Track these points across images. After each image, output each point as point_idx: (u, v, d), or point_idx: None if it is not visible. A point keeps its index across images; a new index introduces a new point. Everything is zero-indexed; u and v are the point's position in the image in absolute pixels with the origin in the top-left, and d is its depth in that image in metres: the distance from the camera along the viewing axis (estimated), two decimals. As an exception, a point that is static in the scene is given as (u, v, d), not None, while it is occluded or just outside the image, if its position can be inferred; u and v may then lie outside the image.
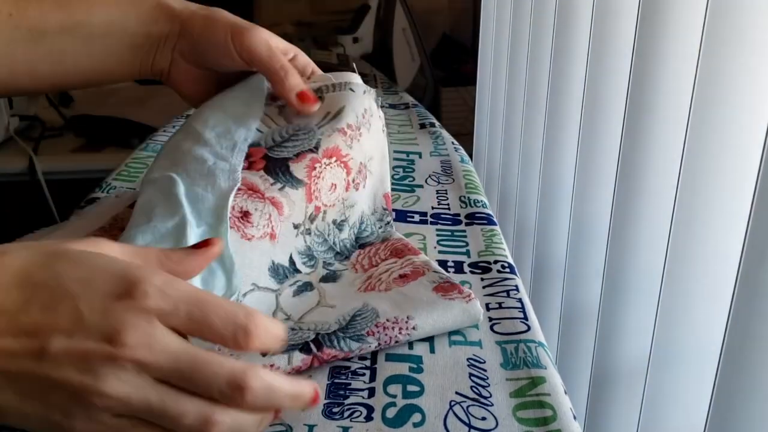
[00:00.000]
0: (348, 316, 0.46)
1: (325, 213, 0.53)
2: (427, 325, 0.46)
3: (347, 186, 0.54)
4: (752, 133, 0.46)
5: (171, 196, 0.47)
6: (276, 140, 0.53)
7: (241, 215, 0.48)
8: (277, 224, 0.49)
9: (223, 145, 0.51)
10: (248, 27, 0.55)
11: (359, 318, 0.46)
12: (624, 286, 0.65)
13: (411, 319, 0.46)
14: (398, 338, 0.46)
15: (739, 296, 0.45)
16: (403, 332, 0.46)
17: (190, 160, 0.49)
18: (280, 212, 0.49)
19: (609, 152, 0.68)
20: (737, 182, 0.48)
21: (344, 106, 0.55)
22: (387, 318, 0.46)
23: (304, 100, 0.55)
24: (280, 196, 0.50)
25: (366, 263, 0.54)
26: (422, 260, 0.53)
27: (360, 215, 0.56)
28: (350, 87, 0.56)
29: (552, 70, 0.87)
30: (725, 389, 0.47)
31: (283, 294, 0.49)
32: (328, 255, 0.53)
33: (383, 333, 0.45)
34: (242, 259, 0.46)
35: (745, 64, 0.47)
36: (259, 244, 0.48)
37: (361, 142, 0.55)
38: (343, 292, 0.50)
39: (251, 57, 0.55)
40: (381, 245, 0.55)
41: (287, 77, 0.54)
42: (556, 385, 0.42)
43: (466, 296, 0.48)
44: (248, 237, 0.47)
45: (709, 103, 0.50)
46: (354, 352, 0.44)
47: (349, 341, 0.44)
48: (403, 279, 0.50)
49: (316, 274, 0.52)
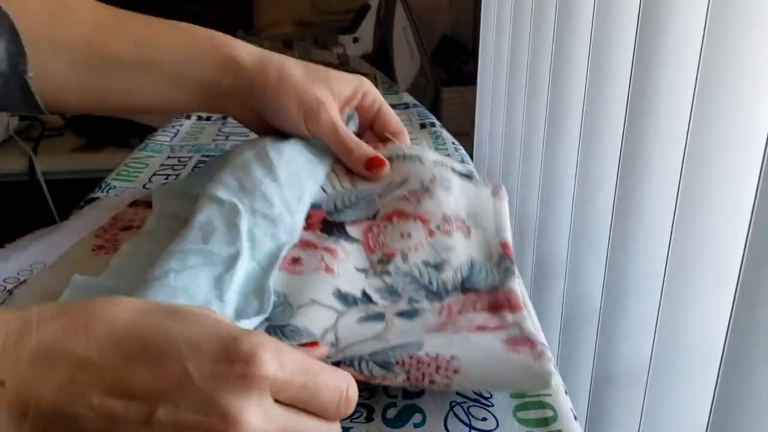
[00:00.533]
0: (388, 345, 0.40)
1: (405, 256, 0.50)
2: (473, 372, 0.38)
3: (430, 233, 0.52)
4: (754, 133, 0.46)
5: (233, 226, 0.48)
6: (337, 206, 0.54)
7: (291, 261, 0.49)
8: (331, 262, 0.48)
9: (292, 191, 0.52)
10: (317, 105, 0.57)
11: (398, 348, 0.40)
12: (625, 287, 0.65)
13: (455, 359, 0.38)
14: (434, 378, 0.38)
15: (740, 297, 0.45)
16: (440, 372, 0.38)
17: (260, 197, 0.51)
18: (333, 255, 0.49)
19: (610, 152, 0.68)
20: (739, 183, 0.48)
21: (408, 178, 0.56)
22: (427, 352, 0.39)
23: (372, 167, 0.56)
24: (333, 245, 0.50)
25: (456, 310, 0.46)
26: (515, 318, 0.44)
27: (468, 259, 0.51)
28: (420, 159, 0.57)
29: (553, 70, 0.87)
30: (727, 390, 0.47)
31: (346, 316, 0.45)
32: (419, 293, 0.48)
33: (415, 367, 0.38)
34: (294, 286, 0.46)
35: (746, 64, 0.47)
36: (312, 275, 0.47)
37: (435, 199, 0.54)
38: (411, 330, 0.44)
39: (320, 137, 0.58)
40: (486, 296, 0.47)
41: (353, 153, 0.57)
42: (557, 386, 0.42)
43: (538, 354, 0.39)
44: (299, 272, 0.48)
45: (711, 102, 0.50)
46: (376, 378, 0.38)
47: (373, 365, 0.38)
48: (481, 329, 0.43)
49: (395, 307, 0.47)
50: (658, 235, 0.58)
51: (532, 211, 0.97)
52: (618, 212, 0.65)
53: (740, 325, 0.45)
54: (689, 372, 0.55)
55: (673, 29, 0.56)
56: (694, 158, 0.52)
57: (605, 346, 0.68)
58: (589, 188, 0.75)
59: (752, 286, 0.44)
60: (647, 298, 0.60)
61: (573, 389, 0.73)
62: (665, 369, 0.57)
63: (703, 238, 0.52)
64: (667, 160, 0.57)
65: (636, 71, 0.60)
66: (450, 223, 0.53)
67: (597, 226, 0.72)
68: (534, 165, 0.96)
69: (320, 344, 0.40)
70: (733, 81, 0.48)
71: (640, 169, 0.61)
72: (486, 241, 0.53)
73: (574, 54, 0.80)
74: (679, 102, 0.55)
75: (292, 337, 0.42)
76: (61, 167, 1.37)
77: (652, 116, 0.59)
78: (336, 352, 0.41)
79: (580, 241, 0.77)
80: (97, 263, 0.51)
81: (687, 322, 0.55)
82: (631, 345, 0.65)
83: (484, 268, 0.51)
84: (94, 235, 0.57)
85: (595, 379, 0.70)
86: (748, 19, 0.46)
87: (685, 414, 0.56)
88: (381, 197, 0.55)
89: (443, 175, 0.56)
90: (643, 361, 0.59)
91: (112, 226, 0.58)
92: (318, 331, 0.43)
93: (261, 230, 0.49)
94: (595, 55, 0.72)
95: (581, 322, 0.77)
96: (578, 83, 0.77)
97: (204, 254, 0.45)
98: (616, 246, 0.66)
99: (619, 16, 0.67)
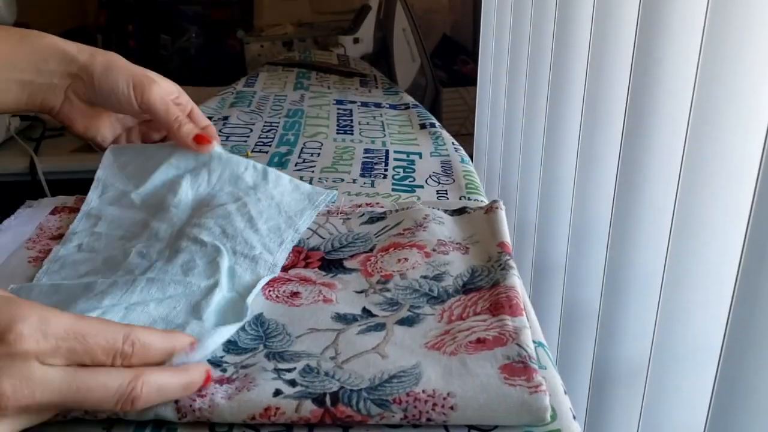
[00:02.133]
0: (386, 375, 0.41)
1: (403, 275, 0.52)
2: (470, 409, 0.39)
3: (426, 255, 0.54)
4: (753, 134, 0.46)
5: (214, 263, 0.51)
6: (335, 246, 0.57)
7: (290, 295, 0.50)
8: (330, 294, 0.50)
9: (272, 239, 0.56)
10: (148, 80, 0.62)
11: (395, 381, 0.40)
12: (624, 286, 0.65)
13: (451, 396, 0.39)
14: (430, 416, 0.38)
15: (739, 296, 0.45)
16: (437, 409, 0.38)
17: (241, 242, 0.54)
18: (331, 289, 0.51)
19: (609, 152, 0.68)
20: (738, 183, 0.48)
21: (403, 219, 0.59)
22: (424, 389, 0.39)
23: (200, 141, 0.62)
24: (331, 280, 0.52)
25: (457, 313, 0.47)
26: (515, 325, 0.45)
27: (468, 267, 0.52)
28: (411, 206, 0.61)
29: (552, 71, 0.87)
30: (725, 389, 0.47)
31: (346, 332, 0.46)
32: (420, 300, 0.49)
33: (412, 405, 0.39)
34: (293, 317, 0.47)
35: (745, 65, 0.47)
36: (310, 307, 0.49)
37: (430, 230, 0.57)
38: (409, 341, 0.45)
39: (149, 109, 0.62)
40: (487, 293, 0.49)
41: (181, 128, 0.62)
42: (556, 386, 0.42)
43: (534, 386, 0.39)
44: (297, 305, 0.49)
45: (710, 103, 0.50)
46: (373, 418, 0.38)
47: (370, 404, 0.39)
48: (479, 345, 0.43)
49: (395, 316, 0.48)
50: (657, 236, 0.58)
51: (532, 212, 0.97)
52: (617, 212, 0.65)
53: (738, 324, 0.45)
54: (688, 372, 0.55)
55: (672, 30, 0.56)
56: (693, 159, 0.52)
57: (604, 346, 0.68)
58: (588, 188, 0.75)
59: (750, 287, 0.44)
60: (646, 298, 0.60)
61: (572, 389, 0.73)
62: (664, 368, 0.57)
63: (701, 238, 0.52)
64: (667, 160, 0.57)
65: (635, 72, 0.60)
66: (446, 245, 0.55)
67: (596, 225, 0.72)
68: (534, 165, 0.96)
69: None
70: (733, 82, 0.48)
71: (639, 169, 0.61)
72: (485, 250, 0.55)
73: (573, 54, 0.80)
74: (679, 103, 0.55)
75: (291, 360, 0.43)
76: (62, 167, 1.38)
77: (651, 117, 0.59)
78: (334, 366, 0.42)
79: (579, 241, 0.78)
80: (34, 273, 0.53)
81: (686, 322, 0.55)
82: (630, 345, 0.65)
83: (485, 268, 0.52)
84: (25, 248, 0.57)
85: (595, 379, 0.70)
86: (747, 20, 0.46)
87: (684, 413, 0.56)
88: (377, 236, 0.58)
89: (435, 214, 0.59)
90: (642, 361, 0.60)
91: (41, 236, 0.59)
92: (318, 350, 0.44)
93: (241, 267, 0.52)
94: (595, 56, 0.72)
95: (581, 322, 0.77)
96: (578, 83, 0.77)
97: (185, 285, 0.48)
98: (615, 246, 0.66)
99: (618, 17, 0.67)
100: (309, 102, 1.06)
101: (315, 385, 0.40)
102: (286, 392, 0.39)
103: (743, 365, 0.45)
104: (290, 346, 0.44)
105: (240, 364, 0.42)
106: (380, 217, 0.60)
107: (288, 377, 0.41)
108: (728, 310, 0.46)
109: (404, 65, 1.72)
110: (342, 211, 0.62)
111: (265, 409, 0.38)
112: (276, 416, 0.38)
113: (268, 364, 0.42)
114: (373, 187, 0.72)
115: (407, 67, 1.73)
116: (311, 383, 0.40)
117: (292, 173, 0.75)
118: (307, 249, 0.56)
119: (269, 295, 0.50)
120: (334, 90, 1.15)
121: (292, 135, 0.89)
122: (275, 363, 0.42)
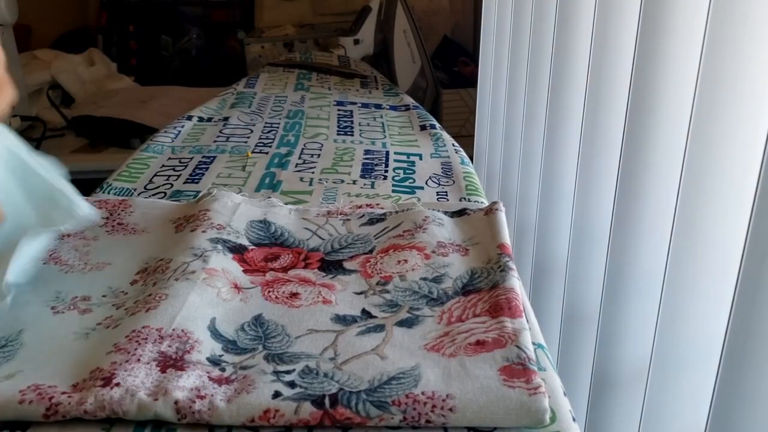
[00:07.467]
0: (386, 376, 0.41)
1: (403, 277, 0.52)
2: (469, 411, 0.38)
3: (426, 257, 0.54)
4: (753, 134, 0.46)
5: None
6: (334, 247, 0.57)
7: (289, 296, 0.50)
8: (329, 296, 0.50)
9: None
10: None
11: (394, 382, 0.40)
12: (625, 288, 0.65)
13: (450, 398, 0.39)
14: (429, 417, 0.38)
15: (739, 299, 0.45)
16: (436, 411, 0.38)
17: None
18: (331, 290, 0.51)
19: (610, 153, 0.68)
20: (738, 184, 0.48)
21: (402, 221, 0.60)
22: (423, 390, 0.39)
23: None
24: (331, 281, 0.52)
25: (456, 315, 0.47)
26: (514, 327, 0.45)
27: (468, 269, 0.53)
28: (412, 207, 0.61)
29: (553, 72, 0.87)
30: (726, 392, 0.47)
31: (345, 333, 0.46)
32: (420, 302, 0.49)
33: (411, 407, 0.38)
34: (292, 318, 0.48)
35: (746, 65, 0.47)
36: (310, 308, 0.49)
37: (429, 232, 0.57)
38: (409, 343, 0.45)
39: None
40: (486, 294, 0.49)
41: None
42: (556, 387, 0.42)
43: (533, 388, 0.39)
44: (297, 306, 0.49)
45: (711, 104, 0.50)
46: (372, 420, 0.38)
47: (369, 406, 0.39)
48: (478, 347, 0.43)
49: (395, 317, 0.48)
50: (657, 237, 0.58)
51: (532, 212, 0.97)
52: (618, 213, 0.65)
53: (739, 327, 0.45)
54: (688, 373, 0.55)
55: (673, 31, 0.56)
56: (693, 160, 0.52)
57: (605, 347, 0.68)
58: (589, 189, 0.75)
59: (751, 288, 0.44)
60: (647, 300, 0.60)
61: (572, 391, 0.73)
62: (665, 371, 0.57)
63: (702, 239, 0.52)
64: (667, 161, 0.57)
65: (636, 73, 0.60)
66: (446, 247, 0.56)
67: (597, 226, 0.72)
68: (534, 166, 0.96)
69: None
70: (733, 85, 0.48)
71: (640, 170, 0.61)
72: (484, 251, 0.55)
73: (574, 56, 0.80)
74: (679, 104, 0.55)
75: (290, 362, 0.43)
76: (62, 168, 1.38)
77: (652, 118, 0.59)
78: (334, 367, 0.42)
79: (579, 243, 0.77)
80: None
81: (686, 324, 0.55)
82: (631, 347, 0.65)
83: (485, 270, 0.52)
84: None
85: (595, 381, 0.70)
86: (748, 23, 0.46)
87: (685, 415, 0.56)
88: (377, 237, 0.58)
89: (435, 215, 0.60)
90: (643, 363, 0.59)
91: None
92: (317, 351, 0.44)
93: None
94: (595, 58, 0.72)
95: (581, 324, 0.77)
96: (578, 85, 0.77)
97: None
98: (615, 247, 0.66)
99: (619, 19, 0.67)
100: (309, 103, 1.06)
101: (314, 386, 0.40)
102: (286, 394, 0.39)
103: (744, 367, 0.45)
104: (289, 347, 0.45)
105: (239, 365, 0.43)
106: (380, 218, 0.61)
107: (287, 379, 0.41)
108: (729, 312, 0.46)
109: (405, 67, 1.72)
110: (342, 212, 0.62)
111: (265, 411, 0.38)
112: (275, 419, 0.38)
113: (268, 366, 0.42)
114: (373, 188, 0.72)
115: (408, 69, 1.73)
116: (310, 384, 0.40)
117: (292, 174, 0.75)
118: (306, 250, 0.57)
119: (268, 295, 0.50)
120: (335, 91, 1.15)
121: (292, 136, 0.89)
122: (274, 365, 0.42)
